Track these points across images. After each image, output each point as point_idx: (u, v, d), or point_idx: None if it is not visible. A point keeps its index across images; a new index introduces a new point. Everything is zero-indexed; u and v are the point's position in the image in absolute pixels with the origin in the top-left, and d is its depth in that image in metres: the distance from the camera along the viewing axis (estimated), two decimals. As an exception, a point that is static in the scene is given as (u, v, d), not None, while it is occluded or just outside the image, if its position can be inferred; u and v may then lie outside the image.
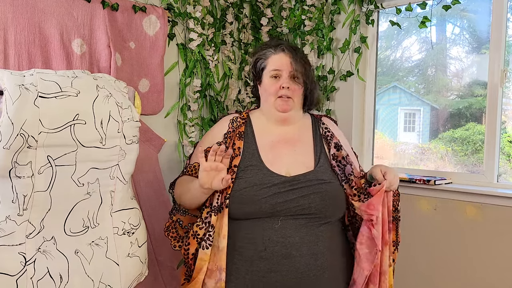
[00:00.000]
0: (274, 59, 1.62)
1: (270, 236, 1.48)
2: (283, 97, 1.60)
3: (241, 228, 1.51)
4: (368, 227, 1.52)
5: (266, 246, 1.47)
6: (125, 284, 1.57)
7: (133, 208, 1.62)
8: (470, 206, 2.08)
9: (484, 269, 2.05)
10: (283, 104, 1.61)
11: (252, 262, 1.48)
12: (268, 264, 1.47)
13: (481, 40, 2.41)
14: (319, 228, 1.51)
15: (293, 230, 1.48)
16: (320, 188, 1.52)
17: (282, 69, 1.59)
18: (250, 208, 1.49)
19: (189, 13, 2.21)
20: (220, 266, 1.48)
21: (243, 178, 1.52)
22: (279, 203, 1.48)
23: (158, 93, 2.14)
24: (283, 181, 1.51)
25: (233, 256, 1.51)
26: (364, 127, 2.51)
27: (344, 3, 2.36)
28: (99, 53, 1.88)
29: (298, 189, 1.50)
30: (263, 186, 1.50)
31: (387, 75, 2.73)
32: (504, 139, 2.19)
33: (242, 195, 1.50)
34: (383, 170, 1.55)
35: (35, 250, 1.38)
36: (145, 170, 2.08)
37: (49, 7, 1.74)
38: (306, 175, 1.54)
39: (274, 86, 1.60)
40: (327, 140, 1.65)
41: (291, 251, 1.47)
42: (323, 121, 1.72)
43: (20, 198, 1.35)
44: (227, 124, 1.65)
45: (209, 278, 1.50)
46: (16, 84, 1.34)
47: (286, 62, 1.60)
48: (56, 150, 1.39)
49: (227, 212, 1.49)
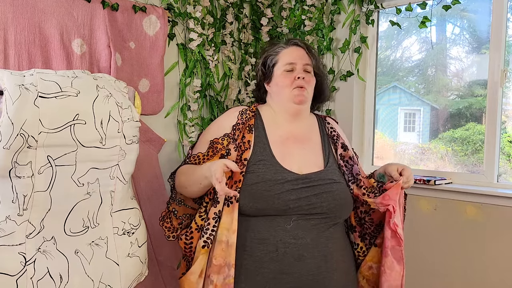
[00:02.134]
0: (287, 52, 1.61)
1: (282, 237, 1.45)
2: (299, 87, 1.57)
3: (249, 226, 1.48)
4: (390, 228, 1.52)
5: (277, 248, 1.45)
6: (125, 284, 1.57)
7: (133, 208, 1.62)
8: (470, 206, 2.08)
9: (484, 269, 2.05)
10: (299, 95, 1.58)
11: (262, 263, 1.46)
12: (279, 266, 1.45)
13: (481, 40, 2.41)
14: (329, 229, 1.51)
15: (304, 231, 1.46)
16: (332, 187, 1.51)
17: (296, 62, 1.58)
18: (262, 204, 1.46)
19: (189, 13, 2.21)
20: (229, 262, 1.44)
21: (255, 172, 1.49)
22: (292, 200, 1.45)
23: (158, 93, 2.14)
24: (296, 178, 1.49)
25: (242, 255, 1.47)
26: (364, 127, 2.51)
27: (344, 3, 2.36)
28: (99, 53, 1.88)
29: (310, 187, 1.48)
30: (276, 182, 1.47)
31: (387, 75, 2.73)
32: (504, 139, 2.19)
33: (253, 190, 1.46)
34: (400, 168, 1.55)
35: (35, 250, 1.38)
36: (145, 170, 2.07)
37: (49, 7, 1.74)
38: (318, 174, 1.53)
39: (289, 78, 1.58)
40: (333, 140, 1.65)
41: (303, 253, 1.45)
42: (328, 121, 1.72)
43: (20, 198, 1.34)
44: (235, 116, 1.62)
45: (217, 274, 1.45)
46: (16, 84, 1.34)
47: (300, 55, 1.59)
48: (56, 150, 1.39)
49: (238, 207, 1.46)
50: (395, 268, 1.52)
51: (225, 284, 1.44)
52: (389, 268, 1.52)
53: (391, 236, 1.52)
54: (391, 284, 1.52)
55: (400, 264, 1.53)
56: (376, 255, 1.60)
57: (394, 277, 1.52)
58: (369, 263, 1.61)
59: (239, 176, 1.48)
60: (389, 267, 1.52)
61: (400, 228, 1.51)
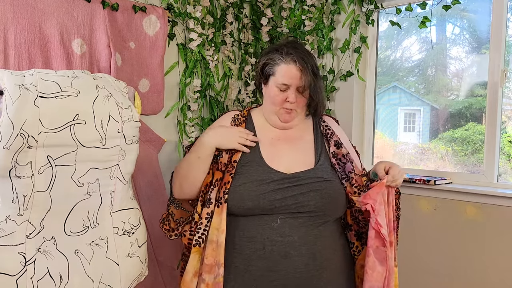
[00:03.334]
0: (283, 69, 1.55)
1: (269, 235, 1.47)
2: (286, 109, 1.58)
3: (238, 226, 1.51)
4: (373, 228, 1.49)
5: (264, 245, 1.47)
6: (125, 284, 1.57)
7: (133, 208, 1.62)
8: (470, 206, 2.08)
9: (484, 269, 2.05)
10: (285, 116, 1.59)
11: (251, 260, 1.48)
12: (266, 263, 1.47)
13: (481, 40, 2.41)
14: (318, 227, 1.51)
15: (292, 229, 1.48)
16: (320, 186, 1.51)
17: (291, 84, 1.55)
18: (249, 204, 1.48)
19: (189, 13, 2.21)
20: (219, 261, 1.48)
21: (243, 173, 1.52)
22: (277, 200, 1.47)
23: (158, 93, 2.14)
24: (282, 178, 1.51)
25: (232, 253, 1.50)
26: (364, 127, 2.51)
27: (344, 3, 2.36)
28: (99, 53, 1.88)
29: (297, 186, 1.50)
30: (262, 182, 1.49)
31: (387, 75, 2.73)
32: (504, 139, 2.19)
33: (241, 191, 1.49)
34: (387, 166, 1.54)
35: (35, 250, 1.38)
36: (145, 170, 2.08)
37: (49, 7, 1.74)
38: (306, 173, 1.53)
39: (280, 98, 1.57)
40: (327, 138, 1.64)
41: (290, 251, 1.47)
42: (324, 119, 1.72)
43: (20, 198, 1.34)
44: (228, 121, 1.66)
45: (208, 274, 1.49)
46: (16, 84, 1.34)
47: (296, 76, 1.54)
48: (56, 150, 1.39)
49: (226, 207, 1.49)
50: (377, 268, 1.49)
51: (216, 283, 1.47)
52: (370, 268, 1.50)
53: (374, 236, 1.49)
54: (372, 284, 1.49)
55: (383, 265, 1.49)
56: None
57: (375, 278, 1.50)
58: (361, 262, 1.60)
59: (228, 178, 1.51)
60: (370, 267, 1.50)
61: (384, 228, 1.48)
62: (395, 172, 1.52)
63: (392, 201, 1.55)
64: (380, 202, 1.49)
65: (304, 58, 1.56)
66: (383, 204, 1.50)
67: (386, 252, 1.49)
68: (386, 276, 1.50)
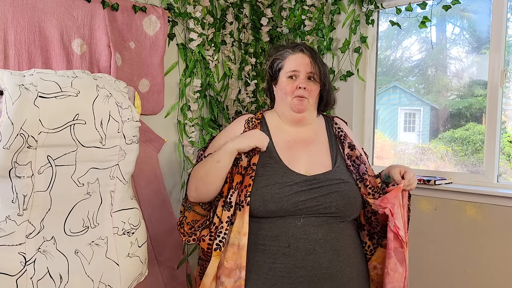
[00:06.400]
0: (292, 59, 1.62)
1: (294, 233, 1.49)
2: (298, 97, 1.60)
3: (261, 227, 1.52)
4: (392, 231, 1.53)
5: (290, 243, 1.48)
6: (125, 284, 1.57)
7: (133, 208, 1.62)
8: (470, 206, 2.08)
9: (484, 269, 2.05)
10: (298, 104, 1.61)
11: (276, 259, 1.49)
12: (292, 260, 1.48)
13: (481, 40, 2.41)
14: (339, 225, 1.54)
15: (315, 227, 1.50)
16: (340, 187, 1.53)
17: (300, 70, 1.60)
18: (272, 206, 1.49)
19: (189, 13, 2.21)
20: (240, 264, 1.48)
21: (264, 175, 1.53)
22: (300, 202, 1.49)
23: (158, 93, 2.14)
24: (304, 180, 1.52)
25: (254, 254, 1.51)
26: (364, 127, 2.51)
27: (344, 3, 2.36)
28: (99, 53, 1.88)
29: (318, 188, 1.51)
30: (285, 184, 1.50)
31: (387, 75, 2.73)
32: (504, 139, 2.19)
33: (263, 193, 1.50)
34: (402, 170, 1.57)
35: (35, 250, 1.38)
36: (145, 170, 2.08)
37: (49, 7, 1.74)
38: (325, 175, 1.55)
39: (291, 86, 1.61)
40: (341, 140, 1.67)
41: (315, 247, 1.48)
42: (336, 121, 1.74)
43: (20, 198, 1.35)
44: (242, 125, 1.66)
45: (228, 277, 1.49)
46: (16, 84, 1.34)
47: (305, 62, 1.60)
48: (56, 150, 1.39)
49: (248, 210, 1.50)
50: (398, 270, 1.54)
51: (236, 287, 1.48)
52: (392, 269, 1.54)
53: (393, 238, 1.54)
54: (394, 285, 1.54)
55: (403, 266, 1.54)
56: (381, 255, 1.62)
57: (397, 279, 1.54)
58: (374, 263, 1.64)
59: (249, 180, 1.51)
60: (392, 269, 1.54)
61: (401, 230, 1.52)
62: (410, 176, 1.56)
63: (405, 204, 1.59)
64: (397, 206, 1.53)
65: (312, 49, 1.64)
66: (399, 207, 1.54)
67: (404, 253, 1.54)
68: (406, 276, 1.55)
